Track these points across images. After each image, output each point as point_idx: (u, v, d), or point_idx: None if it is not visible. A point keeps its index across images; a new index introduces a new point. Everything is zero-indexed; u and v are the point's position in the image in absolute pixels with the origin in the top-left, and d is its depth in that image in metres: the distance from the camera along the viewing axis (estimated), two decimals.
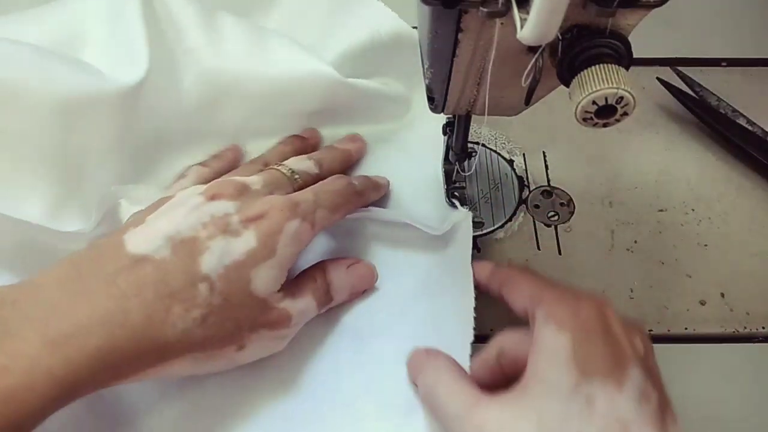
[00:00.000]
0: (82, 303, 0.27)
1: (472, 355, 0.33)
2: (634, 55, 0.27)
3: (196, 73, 0.42)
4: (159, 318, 0.27)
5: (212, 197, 0.31)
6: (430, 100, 0.35)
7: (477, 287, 0.36)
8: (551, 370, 0.27)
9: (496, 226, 0.44)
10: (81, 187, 0.40)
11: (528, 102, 0.30)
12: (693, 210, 0.45)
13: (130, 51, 0.40)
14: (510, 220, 0.44)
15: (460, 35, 0.28)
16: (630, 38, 0.26)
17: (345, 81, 0.43)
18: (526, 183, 0.46)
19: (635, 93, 0.25)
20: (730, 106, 0.49)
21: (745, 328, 0.40)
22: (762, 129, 0.47)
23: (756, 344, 0.39)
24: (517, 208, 0.45)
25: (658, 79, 0.50)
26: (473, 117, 0.38)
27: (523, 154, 0.48)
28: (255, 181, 0.34)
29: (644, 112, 0.50)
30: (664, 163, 0.47)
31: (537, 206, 0.45)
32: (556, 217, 0.45)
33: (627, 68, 0.26)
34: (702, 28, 0.55)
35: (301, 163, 0.38)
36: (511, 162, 0.47)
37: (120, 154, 0.41)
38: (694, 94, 0.49)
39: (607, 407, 0.26)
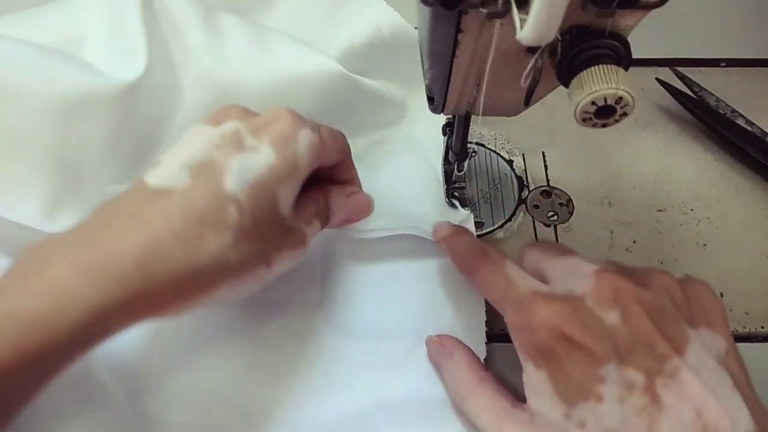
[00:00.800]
0: (111, 236, 0.26)
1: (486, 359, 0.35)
2: (634, 56, 0.27)
3: (196, 72, 0.42)
4: (192, 245, 0.27)
5: (218, 122, 0.31)
6: (430, 100, 0.35)
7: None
8: (543, 406, 0.29)
9: (495, 226, 0.44)
10: (78, 186, 0.39)
11: (527, 102, 0.30)
12: (692, 210, 0.45)
13: (128, 50, 0.40)
14: (509, 220, 0.44)
15: (459, 36, 0.28)
16: (629, 39, 0.27)
17: (350, 76, 0.43)
18: (525, 183, 0.46)
19: (634, 93, 0.25)
20: (729, 106, 0.49)
21: (744, 327, 0.40)
22: (761, 129, 0.47)
23: (755, 344, 0.39)
24: (516, 208, 0.45)
25: (657, 79, 0.50)
26: (473, 117, 0.38)
27: (523, 154, 0.48)
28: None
29: (643, 113, 0.50)
30: (663, 163, 0.47)
31: (536, 206, 0.45)
32: (555, 217, 0.45)
33: (626, 69, 0.26)
34: (701, 29, 0.55)
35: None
36: (510, 162, 0.47)
37: (118, 154, 0.41)
38: (693, 95, 0.50)
39: (596, 424, 0.27)
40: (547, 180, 0.46)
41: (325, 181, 0.36)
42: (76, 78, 0.38)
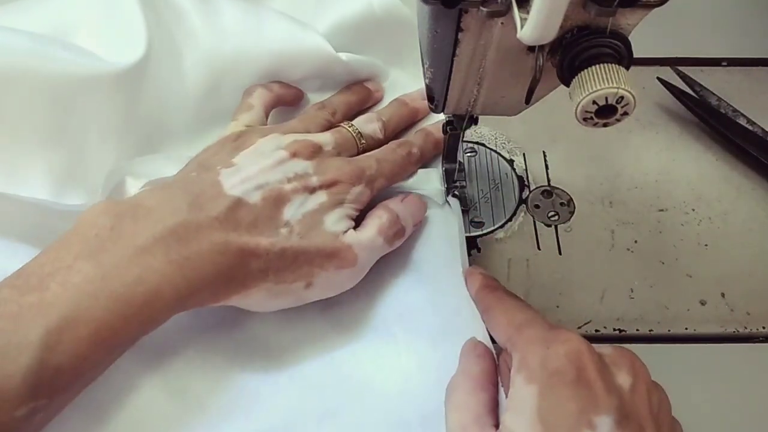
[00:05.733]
0: (196, 233, 0.32)
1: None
2: (635, 55, 0.27)
3: (197, 54, 0.43)
4: (249, 250, 0.33)
5: (293, 155, 0.37)
6: (431, 99, 0.35)
7: None
8: (518, 424, 0.27)
9: (496, 226, 0.44)
10: (83, 168, 0.40)
11: (528, 102, 0.30)
12: (693, 210, 0.45)
13: (127, 35, 0.41)
14: (510, 219, 0.44)
15: (460, 35, 0.28)
16: (630, 38, 0.26)
17: (342, 56, 0.44)
18: (526, 183, 0.46)
19: (635, 93, 0.25)
20: (731, 105, 0.49)
21: (746, 328, 0.40)
22: (762, 129, 0.47)
23: (756, 344, 0.39)
24: (517, 208, 0.45)
25: (658, 78, 0.50)
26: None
27: (523, 154, 0.48)
28: (327, 141, 0.39)
29: (644, 112, 0.50)
30: (665, 162, 0.47)
31: (537, 206, 0.45)
32: (556, 217, 0.45)
33: (627, 68, 0.26)
34: (702, 28, 0.55)
35: (368, 126, 0.42)
36: (511, 162, 0.47)
37: (121, 135, 0.41)
38: (694, 94, 0.49)
39: None
40: (548, 180, 0.46)
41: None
42: (74, 62, 0.38)
